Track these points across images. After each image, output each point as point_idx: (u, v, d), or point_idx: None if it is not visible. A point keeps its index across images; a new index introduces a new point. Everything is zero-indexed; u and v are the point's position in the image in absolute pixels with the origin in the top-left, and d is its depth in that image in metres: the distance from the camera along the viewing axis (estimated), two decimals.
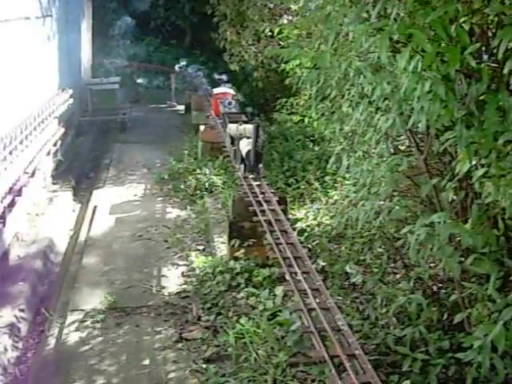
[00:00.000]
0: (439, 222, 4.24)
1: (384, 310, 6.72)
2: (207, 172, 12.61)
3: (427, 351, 5.66)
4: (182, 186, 12.54)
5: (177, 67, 21.63)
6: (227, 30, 15.68)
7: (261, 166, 8.92)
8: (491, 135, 3.56)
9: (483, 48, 4.14)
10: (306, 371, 5.87)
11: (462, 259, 4.48)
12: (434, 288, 6.75)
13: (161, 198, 12.42)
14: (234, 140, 10.18)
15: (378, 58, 4.37)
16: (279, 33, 7.74)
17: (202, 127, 14.21)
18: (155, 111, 21.55)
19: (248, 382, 6.10)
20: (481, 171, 3.80)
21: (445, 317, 5.80)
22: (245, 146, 8.99)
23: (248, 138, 9.04)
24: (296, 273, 6.25)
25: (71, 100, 15.40)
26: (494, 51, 3.71)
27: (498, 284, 4.10)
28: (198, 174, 12.71)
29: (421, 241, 4.38)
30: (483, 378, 4.81)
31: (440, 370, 5.28)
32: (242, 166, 9.09)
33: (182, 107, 21.26)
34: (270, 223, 7.55)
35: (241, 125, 9.87)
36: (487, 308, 4.22)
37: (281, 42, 12.17)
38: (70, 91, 15.46)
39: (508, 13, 3.38)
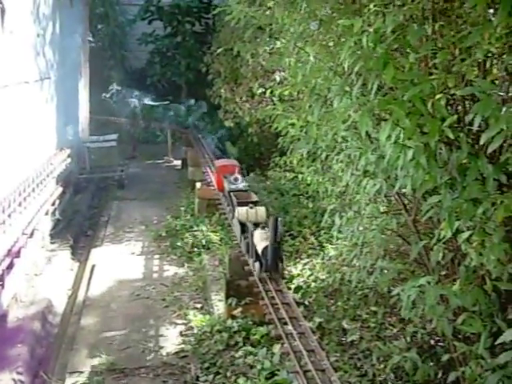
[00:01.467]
0: (429, 283, 4.36)
1: (381, 366, 6.77)
2: (204, 229, 12.72)
3: None
4: (180, 243, 12.62)
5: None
6: (221, 87, 16.02)
7: (281, 265, 7.71)
8: (472, 202, 3.71)
9: (463, 115, 4.34)
10: None
11: (454, 318, 4.58)
12: (431, 342, 6.82)
13: (158, 256, 12.48)
14: (244, 227, 8.85)
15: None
16: (271, 92, 7.97)
17: (198, 184, 14.37)
18: (152, 167, 21.75)
19: None
20: (466, 234, 3.94)
21: (441, 374, 5.84)
22: (260, 240, 7.65)
23: (263, 227, 7.98)
24: (292, 333, 6.30)
25: (69, 159, 15.63)
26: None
27: (489, 343, 4.18)
28: (195, 230, 12.81)
29: (412, 300, 4.48)
30: None
31: None
32: (258, 265, 7.65)
33: (178, 162, 21.50)
34: (265, 282, 7.65)
35: (252, 208, 8.68)
36: (480, 366, 4.29)
37: (274, 99, 12.47)
38: (68, 150, 15.70)
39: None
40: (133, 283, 10.96)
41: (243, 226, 8.77)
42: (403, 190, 5.11)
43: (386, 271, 5.45)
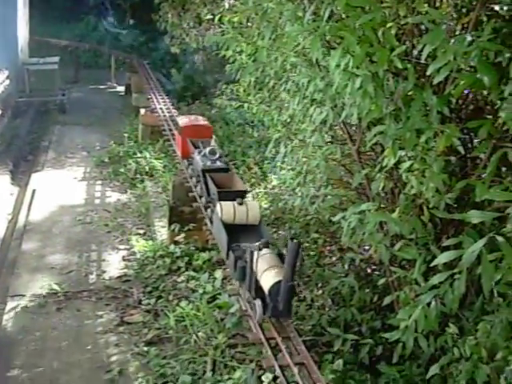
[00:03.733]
0: (369, 210, 4.49)
1: (320, 292, 7.01)
2: (147, 155, 12.66)
3: (360, 331, 5.98)
4: (123, 170, 12.55)
5: None
6: (168, 12, 15.60)
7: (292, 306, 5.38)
8: (415, 132, 3.81)
9: (411, 48, 4.39)
10: (245, 352, 6.10)
11: (391, 245, 4.75)
12: (368, 270, 7.07)
13: (101, 182, 12.41)
14: (231, 234, 6.01)
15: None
16: (219, 19, 7.78)
17: (142, 110, 14.17)
18: (95, 92, 21.29)
19: (188, 364, 6.30)
20: (407, 164, 4.05)
21: (376, 299, 6.09)
22: (265, 267, 5.16)
23: (265, 245, 5.38)
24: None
25: (7, 81, 15.10)
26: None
27: (423, 269, 4.37)
28: (139, 157, 12.76)
29: (353, 227, 4.62)
30: (412, 355, 5.16)
31: (371, 349, 5.60)
32: (259, 305, 5.21)
33: (122, 88, 21.09)
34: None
35: (241, 203, 6.23)
36: (414, 291, 4.49)
37: (222, 26, 12.21)
38: (6, 72, 15.15)
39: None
40: (75, 208, 10.91)
41: (230, 232, 5.98)
42: (349, 120, 5.18)
43: (328, 197, 5.58)
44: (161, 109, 13.18)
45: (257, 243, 5.30)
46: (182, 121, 9.50)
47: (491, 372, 3.81)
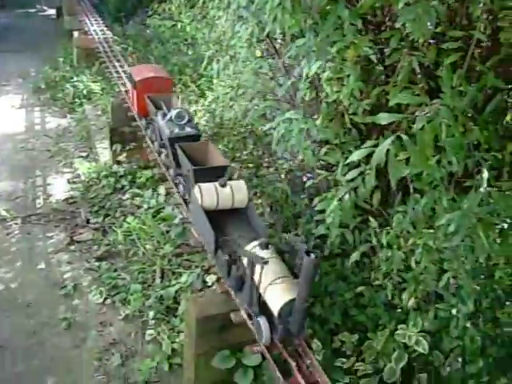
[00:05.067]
0: (296, 119, 4.84)
1: (259, 201, 7.42)
2: (84, 79, 12.62)
3: (297, 234, 6.45)
4: (60, 95, 12.53)
5: None
6: None
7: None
8: (330, 43, 4.12)
9: None
10: (190, 259, 6.53)
11: (318, 150, 5.13)
12: (304, 178, 7.49)
13: (39, 108, 12.40)
14: (216, 224, 4.80)
15: None
16: None
17: (75, 33, 13.97)
18: (24, 17, 20.66)
19: (138, 274, 6.72)
20: (326, 74, 4.39)
21: (309, 202, 6.55)
22: (271, 283, 3.98)
23: (265, 246, 4.21)
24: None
25: None
26: None
27: (345, 170, 4.77)
28: (76, 81, 12.69)
29: (281, 135, 4.97)
30: (340, 251, 5.66)
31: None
32: (265, 324, 4.05)
33: (53, 11, 20.50)
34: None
35: (223, 185, 4.97)
36: (336, 190, 4.90)
37: None
38: None
39: None
40: (16, 136, 10.95)
41: (212, 218, 4.80)
42: (274, 35, 5.44)
43: (257, 108, 5.89)
44: (95, 31, 13.04)
45: (256, 246, 4.20)
46: (137, 73, 7.93)
47: (405, 256, 4.31)
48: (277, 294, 3.88)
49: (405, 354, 4.31)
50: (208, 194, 4.92)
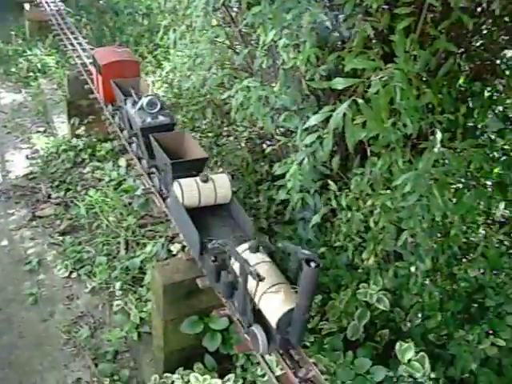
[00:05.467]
0: (254, 87, 4.89)
1: (220, 169, 7.47)
2: (38, 53, 12.39)
3: (258, 201, 6.55)
4: (14, 69, 12.30)
5: None
6: None
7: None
8: (286, 10, 4.17)
9: None
10: (154, 229, 6.58)
11: (277, 117, 5.19)
12: (264, 146, 7.56)
13: None
14: (199, 223, 4.49)
15: None
16: None
17: (26, 5, 13.65)
18: None
19: (102, 246, 6.75)
20: (282, 41, 4.43)
21: (268, 168, 6.64)
22: (266, 291, 3.71)
23: (256, 249, 3.96)
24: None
25: None
26: None
27: (304, 135, 4.85)
28: (29, 55, 12.46)
29: (240, 103, 5.01)
30: (301, 214, 5.78)
31: (266, 211, 6.20)
32: (261, 334, 3.77)
33: None
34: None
35: (205, 180, 4.68)
36: (296, 155, 4.97)
37: None
38: None
39: None
40: None
41: (195, 217, 4.51)
42: (231, 4, 5.44)
43: (215, 76, 5.90)
44: (46, 3, 12.76)
45: (246, 249, 3.93)
46: (101, 56, 7.37)
47: (364, 217, 4.43)
48: (274, 303, 3.62)
49: (367, 311, 4.46)
50: (189, 191, 4.60)
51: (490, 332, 4.54)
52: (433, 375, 3.86)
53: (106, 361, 5.60)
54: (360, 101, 3.47)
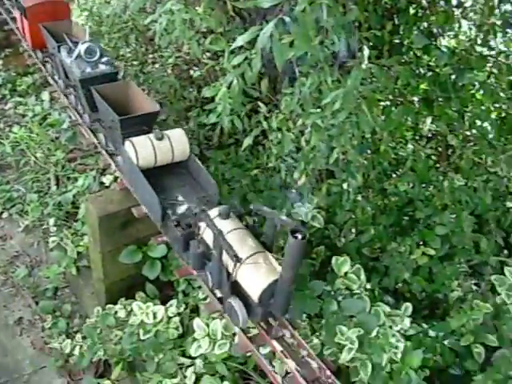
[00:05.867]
0: (178, 10, 4.75)
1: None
2: None
3: (189, 127, 6.49)
4: None
5: None
6: None
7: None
8: None
9: None
10: (84, 163, 6.45)
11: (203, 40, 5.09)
12: (191, 72, 7.43)
13: None
14: (157, 185, 4.13)
15: None
16: None
17: None
18: None
19: (32, 183, 6.59)
20: None
21: (197, 93, 6.56)
22: (244, 262, 3.38)
23: (226, 215, 3.63)
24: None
25: None
26: None
27: (231, 58, 4.77)
28: None
29: (164, 28, 4.88)
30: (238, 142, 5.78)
31: (197, 136, 6.16)
32: (240, 306, 3.44)
33: None
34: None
35: (160, 137, 4.28)
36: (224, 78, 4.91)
37: None
38: None
39: None
40: None
41: (152, 178, 4.12)
42: None
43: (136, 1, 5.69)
44: None
45: (216, 216, 3.59)
46: None
47: (295, 137, 4.46)
48: (253, 275, 3.31)
49: None
50: (144, 151, 4.17)
51: (421, 243, 4.75)
52: (368, 286, 4.00)
53: (47, 298, 5.58)
54: (287, 19, 3.43)
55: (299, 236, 2.95)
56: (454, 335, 4.02)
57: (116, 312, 4.68)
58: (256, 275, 3.31)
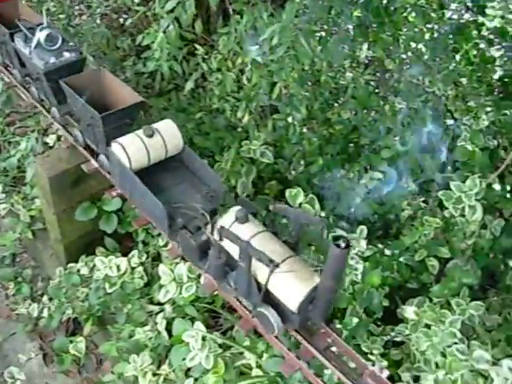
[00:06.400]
0: None
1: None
2: None
3: (126, 77, 6.40)
4: None
5: None
6: None
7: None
8: None
9: None
10: (24, 125, 6.32)
11: None
12: (120, 20, 7.28)
13: None
14: (154, 185, 3.70)
15: None
16: None
17: None
18: None
19: None
20: None
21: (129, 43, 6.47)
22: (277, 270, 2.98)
23: (245, 218, 3.20)
24: None
25: None
26: None
27: (163, 2, 4.70)
28: None
29: None
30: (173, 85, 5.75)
31: (136, 86, 6.10)
32: (273, 316, 3.08)
33: None
34: None
35: (151, 134, 3.73)
36: (158, 24, 4.84)
37: None
38: None
39: None
40: None
41: (142, 176, 3.69)
42: None
43: None
44: None
45: (234, 222, 3.19)
46: None
47: (236, 76, 4.48)
48: (289, 284, 2.99)
49: (252, 167, 4.62)
50: (136, 152, 3.67)
51: (368, 167, 4.89)
52: (323, 214, 4.12)
53: (5, 266, 5.55)
54: None
55: (342, 244, 2.60)
56: (409, 252, 4.20)
57: (79, 270, 4.71)
58: (292, 284, 2.98)
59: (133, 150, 3.66)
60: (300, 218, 3.08)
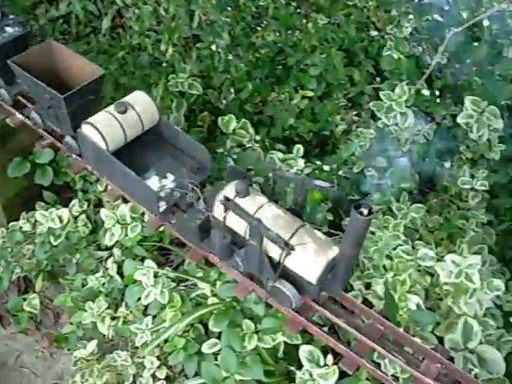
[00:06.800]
0: None
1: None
2: None
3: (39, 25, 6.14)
4: None
5: None
6: None
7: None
8: None
9: None
10: None
11: None
12: None
13: None
14: (133, 162, 3.39)
15: None
16: None
17: None
18: None
19: None
20: None
21: None
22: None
23: (245, 191, 2.97)
24: None
25: None
26: None
27: None
28: None
29: None
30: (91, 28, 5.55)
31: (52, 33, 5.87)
32: (290, 290, 2.97)
33: None
34: None
35: (125, 111, 3.39)
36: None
37: None
38: None
39: None
40: None
41: (120, 155, 3.41)
42: None
43: None
44: None
45: (236, 196, 2.97)
46: None
47: (153, 9, 4.37)
48: (305, 256, 2.86)
49: (182, 101, 4.54)
50: (110, 132, 3.35)
51: (298, 87, 4.89)
52: (258, 138, 4.13)
53: None
54: None
55: (365, 211, 2.41)
56: (347, 165, 4.28)
57: (21, 227, 4.61)
58: (310, 256, 2.86)
59: (107, 129, 3.34)
60: (305, 184, 2.93)
